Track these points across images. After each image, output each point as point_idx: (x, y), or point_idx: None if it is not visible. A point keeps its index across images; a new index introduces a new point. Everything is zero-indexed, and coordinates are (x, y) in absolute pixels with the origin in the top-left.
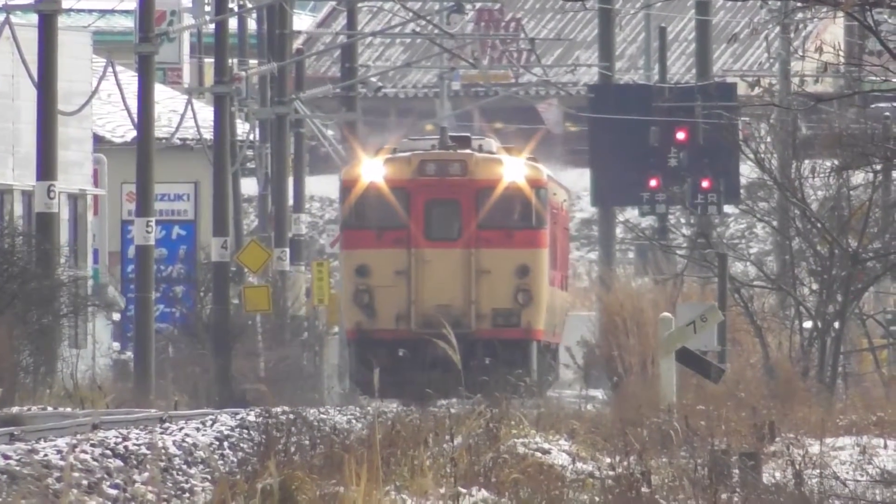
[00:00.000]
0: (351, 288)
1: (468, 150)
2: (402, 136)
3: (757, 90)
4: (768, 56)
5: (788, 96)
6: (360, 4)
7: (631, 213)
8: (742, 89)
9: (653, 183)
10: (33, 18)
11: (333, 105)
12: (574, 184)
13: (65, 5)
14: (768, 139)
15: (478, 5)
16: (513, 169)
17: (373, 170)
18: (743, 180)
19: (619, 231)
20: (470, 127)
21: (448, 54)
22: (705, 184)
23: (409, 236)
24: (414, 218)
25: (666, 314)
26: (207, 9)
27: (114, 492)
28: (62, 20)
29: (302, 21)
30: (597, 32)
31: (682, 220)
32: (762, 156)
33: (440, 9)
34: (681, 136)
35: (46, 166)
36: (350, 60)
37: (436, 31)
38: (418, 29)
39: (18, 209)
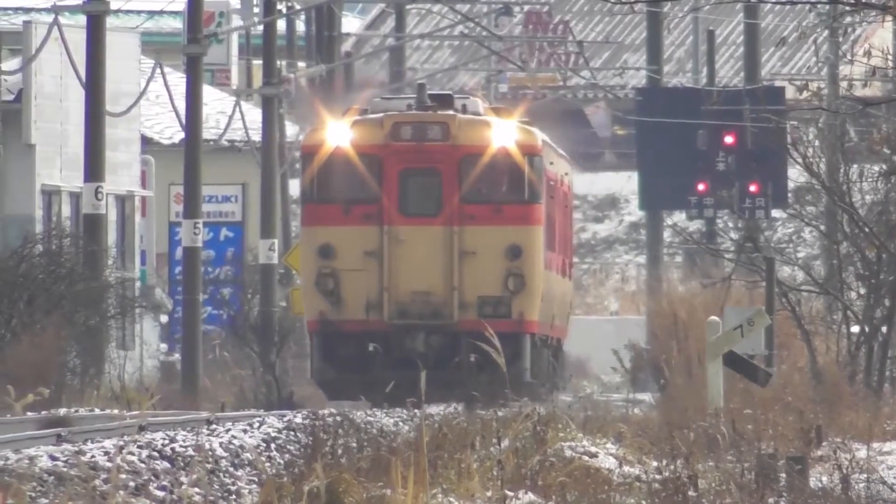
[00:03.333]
0: (313, 271)
1: (450, 111)
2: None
3: (805, 94)
4: (817, 60)
5: (837, 100)
6: (408, 7)
7: (679, 217)
8: (790, 93)
9: (701, 187)
10: (81, 20)
11: None
12: (622, 188)
13: (113, 6)
14: (816, 143)
15: (526, 8)
16: (502, 133)
17: (338, 134)
18: (791, 184)
19: (666, 235)
20: None
21: (496, 57)
22: (753, 188)
23: (381, 211)
24: (386, 190)
25: (713, 318)
26: (256, 10)
27: (161, 493)
28: (110, 21)
29: (350, 23)
30: (645, 35)
31: (730, 224)
32: (810, 160)
33: (488, 11)
34: (729, 139)
35: (94, 168)
36: (398, 63)
37: (484, 33)
38: (466, 31)
39: (66, 210)
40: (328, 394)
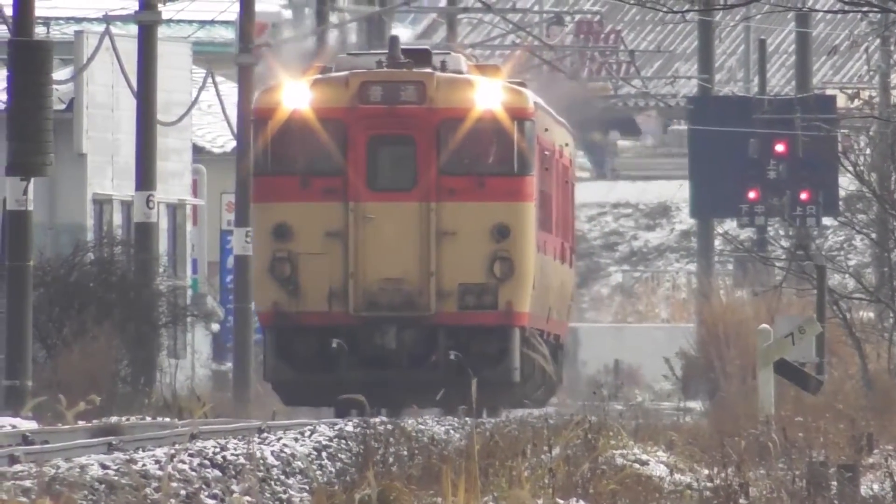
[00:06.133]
0: (266, 255)
1: (427, 69)
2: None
3: (856, 102)
4: (868, 68)
5: (888, 108)
6: (459, 16)
7: (730, 225)
8: (841, 101)
9: (752, 195)
10: (133, 29)
11: None
12: (673, 196)
13: (165, 16)
14: (867, 151)
15: (577, 17)
16: (487, 94)
17: (296, 95)
18: (842, 192)
19: (717, 243)
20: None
21: (547, 66)
22: (804, 196)
23: (346, 185)
24: (352, 160)
25: (764, 326)
26: (307, 21)
27: (212, 502)
28: (162, 31)
29: (402, 33)
30: (696, 44)
31: (781, 232)
32: (861, 168)
33: (540, 20)
34: (780, 148)
35: (145, 176)
36: None
37: (535, 42)
38: (518, 41)
39: (117, 219)
40: (284, 397)
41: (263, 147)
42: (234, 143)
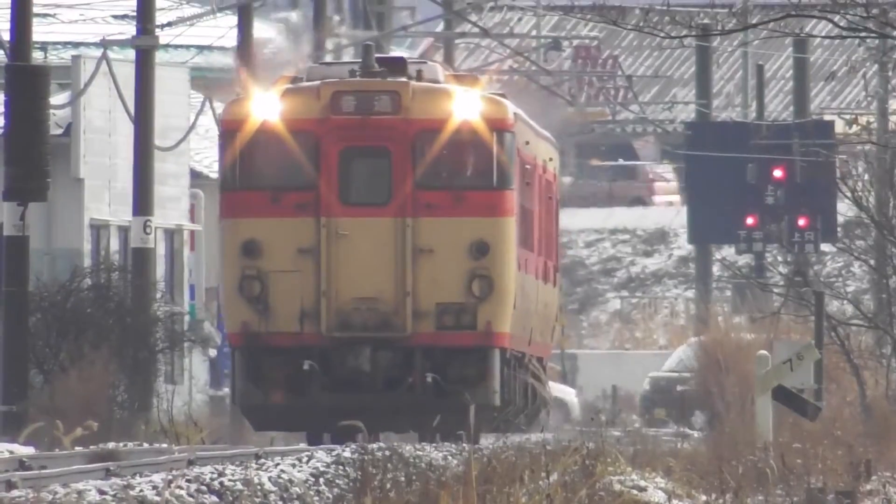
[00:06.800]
0: (235, 273)
1: (402, 78)
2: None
3: (855, 128)
4: (866, 94)
5: (886, 134)
6: (457, 41)
7: (728, 251)
8: (840, 127)
9: (750, 221)
10: (130, 54)
11: None
12: (671, 222)
13: (162, 41)
14: (866, 177)
15: (575, 42)
16: (465, 104)
17: (266, 106)
18: (840, 218)
19: (715, 269)
20: (565, 163)
21: (545, 91)
22: (802, 222)
23: (318, 200)
24: (324, 174)
25: (763, 352)
26: (305, 46)
27: None
28: (159, 56)
29: None
30: (694, 70)
31: (779, 258)
32: (860, 194)
33: (537, 46)
34: (778, 173)
35: (143, 201)
36: None
37: (533, 67)
38: (515, 66)
39: (115, 244)
40: (254, 423)
41: (231, 161)
42: None
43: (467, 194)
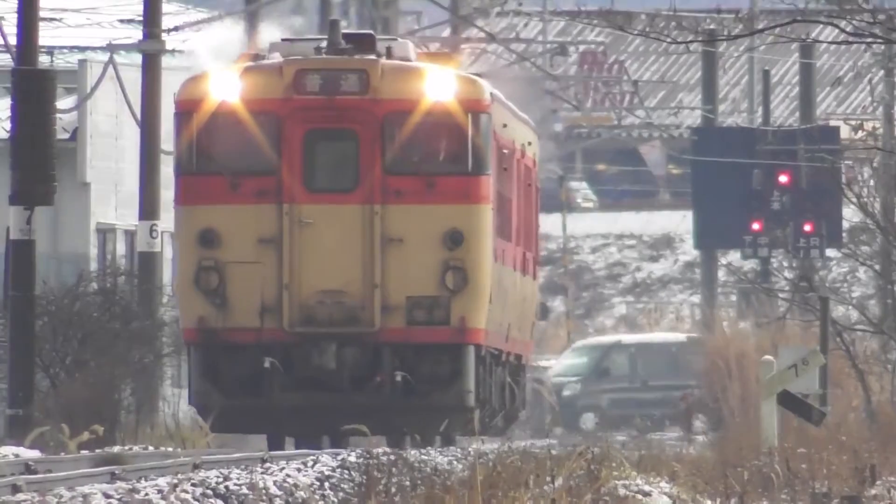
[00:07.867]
0: (191, 264)
1: (371, 56)
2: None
3: (860, 133)
4: (872, 99)
5: (892, 139)
6: (463, 46)
7: (733, 256)
8: (845, 133)
9: (755, 226)
10: (137, 59)
11: None
12: (677, 227)
13: (168, 46)
14: (871, 182)
15: (581, 48)
16: (438, 84)
17: (224, 85)
18: (845, 224)
19: (721, 274)
20: (571, 168)
21: (551, 96)
22: (808, 227)
23: (281, 186)
24: (287, 158)
25: (768, 357)
26: None
27: None
28: (166, 60)
29: None
30: (700, 75)
31: (785, 264)
32: (865, 199)
33: (543, 51)
34: (784, 179)
35: (149, 206)
36: None
37: (539, 72)
38: (521, 71)
39: (121, 248)
40: (212, 424)
41: (188, 143)
42: None
43: (440, 180)
